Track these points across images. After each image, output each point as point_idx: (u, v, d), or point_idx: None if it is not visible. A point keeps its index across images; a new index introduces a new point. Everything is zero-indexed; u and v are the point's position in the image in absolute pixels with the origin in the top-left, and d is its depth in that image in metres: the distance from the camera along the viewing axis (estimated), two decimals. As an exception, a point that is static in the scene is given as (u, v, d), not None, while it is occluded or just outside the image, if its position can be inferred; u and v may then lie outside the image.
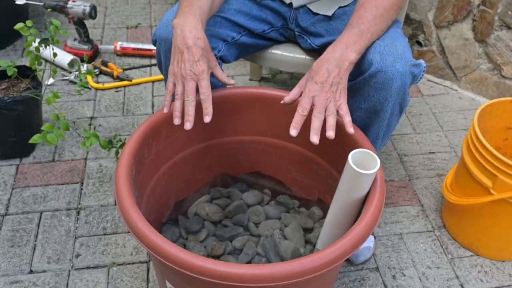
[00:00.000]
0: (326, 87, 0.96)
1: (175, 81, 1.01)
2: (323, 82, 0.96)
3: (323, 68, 0.97)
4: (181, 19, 1.00)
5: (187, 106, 0.98)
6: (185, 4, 1.04)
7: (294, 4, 1.25)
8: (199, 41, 0.98)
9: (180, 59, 0.98)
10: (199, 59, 0.98)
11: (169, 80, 1.02)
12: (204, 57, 0.99)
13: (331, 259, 0.83)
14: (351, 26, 1.02)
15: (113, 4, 2.42)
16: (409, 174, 1.61)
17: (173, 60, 1.00)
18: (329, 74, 0.96)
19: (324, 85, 0.96)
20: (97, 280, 1.28)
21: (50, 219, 1.42)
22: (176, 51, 1.00)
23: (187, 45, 0.97)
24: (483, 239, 1.34)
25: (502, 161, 1.16)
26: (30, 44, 1.42)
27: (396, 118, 1.14)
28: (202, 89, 0.99)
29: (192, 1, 1.04)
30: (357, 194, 0.98)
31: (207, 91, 0.99)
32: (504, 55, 1.76)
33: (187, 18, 1.00)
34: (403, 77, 1.02)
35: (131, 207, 0.89)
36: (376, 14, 1.02)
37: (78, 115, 1.78)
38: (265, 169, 1.34)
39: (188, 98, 0.98)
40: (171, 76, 1.01)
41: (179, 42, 0.99)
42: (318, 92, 0.96)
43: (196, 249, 1.18)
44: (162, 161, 1.17)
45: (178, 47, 0.99)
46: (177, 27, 1.00)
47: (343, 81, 0.97)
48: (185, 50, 0.98)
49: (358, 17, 1.02)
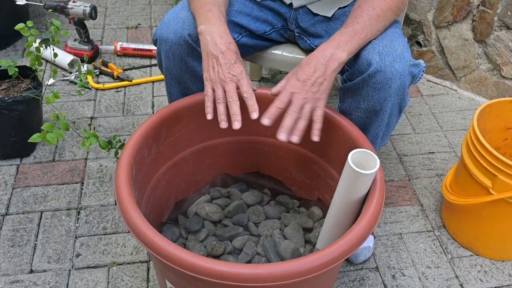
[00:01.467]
0: (307, 86, 0.96)
1: (213, 86, 1.00)
2: (305, 80, 0.96)
3: (310, 65, 0.97)
4: (208, 25, 1.01)
5: (232, 106, 0.98)
6: (206, 9, 1.04)
7: (294, 5, 1.25)
8: (231, 45, 1.01)
9: (216, 63, 0.99)
10: (236, 61, 1.00)
11: (207, 87, 1.01)
12: (239, 59, 1.01)
13: (331, 259, 0.84)
14: (346, 25, 1.02)
15: (114, 5, 2.42)
16: (408, 174, 1.61)
17: (208, 67, 1.01)
18: (314, 73, 0.96)
19: (305, 83, 0.96)
20: (97, 280, 1.28)
21: (50, 219, 1.43)
22: (209, 57, 1.00)
23: (221, 50, 0.99)
24: (483, 239, 1.35)
25: (502, 161, 1.16)
26: (30, 44, 1.42)
27: (395, 118, 1.14)
28: (244, 87, 0.99)
29: (212, 7, 1.04)
30: (357, 194, 0.98)
31: (249, 90, 0.99)
32: (504, 55, 1.77)
33: (214, 24, 1.01)
34: (402, 77, 1.02)
35: (131, 207, 0.90)
36: (373, 14, 1.02)
37: (78, 115, 1.78)
38: (265, 169, 1.34)
39: (232, 99, 0.98)
40: (208, 83, 1.01)
41: (211, 49, 0.99)
42: (298, 89, 0.96)
43: (196, 249, 1.18)
44: (162, 161, 1.17)
45: (212, 53, 0.99)
46: (206, 33, 1.00)
47: (326, 82, 0.97)
48: (219, 55, 0.99)
49: (354, 17, 1.03)
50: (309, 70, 0.97)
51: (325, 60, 0.97)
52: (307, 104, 0.96)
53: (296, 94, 0.96)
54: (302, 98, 0.96)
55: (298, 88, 0.96)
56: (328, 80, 0.97)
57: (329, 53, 0.97)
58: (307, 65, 0.98)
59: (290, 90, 0.96)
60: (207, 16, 1.03)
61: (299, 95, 0.96)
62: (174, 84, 1.19)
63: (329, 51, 0.98)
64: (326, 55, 0.97)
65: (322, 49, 0.99)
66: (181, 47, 1.10)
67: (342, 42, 0.99)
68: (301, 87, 0.96)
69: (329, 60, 0.97)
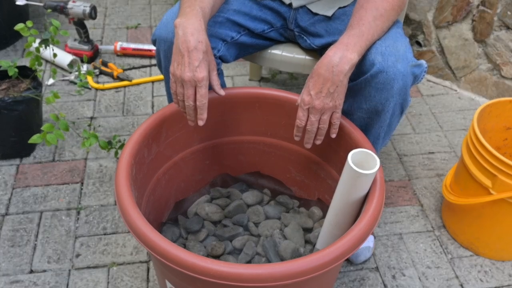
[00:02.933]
0: (320, 99, 0.98)
1: (175, 81, 1.01)
2: (317, 93, 0.98)
3: (320, 75, 0.98)
4: (183, 19, 0.99)
5: (188, 110, 1.02)
6: (187, 5, 1.03)
7: (294, 4, 1.25)
8: (200, 45, 0.98)
9: (181, 62, 0.98)
10: (200, 64, 0.98)
11: (171, 80, 1.02)
12: (205, 62, 0.99)
13: (331, 259, 0.84)
14: (352, 27, 1.02)
15: (113, 5, 2.42)
16: (408, 174, 1.61)
17: (174, 61, 1.00)
18: (324, 84, 0.97)
19: (318, 96, 0.98)
20: (97, 280, 1.28)
21: (50, 219, 1.43)
22: (177, 52, 0.99)
23: (188, 48, 0.97)
24: (483, 239, 1.34)
25: (502, 161, 1.16)
26: (30, 44, 1.42)
27: (397, 118, 1.14)
28: (199, 96, 1.00)
29: (194, 2, 1.03)
30: (357, 194, 0.98)
31: (204, 99, 1.00)
32: (504, 55, 1.77)
33: (189, 18, 0.99)
34: (405, 78, 1.02)
35: (131, 207, 0.90)
36: (377, 15, 1.02)
37: (78, 115, 1.78)
38: (265, 169, 1.34)
39: (189, 103, 1.01)
40: (172, 76, 1.01)
41: (180, 44, 0.98)
42: (312, 104, 0.99)
43: (196, 249, 1.18)
44: (162, 161, 1.17)
45: (179, 49, 0.98)
46: (178, 27, 0.99)
47: (339, 88, 0.98)
48: (185, 54, 0.97)
49: (359, 18, 1.02)
50: (319, 81, 0.98)
51: (334, 67, 0.97)
52: (324, 115, 1.01)
53: (311, 109, 1.00)
54: (318, 111, 0.99)
55: (312, 103, 0.99)
56: (341, 85, 0.98)
57: (338, 57, 0.97)
58: (317, 75, 0.98)
59: (305, 107, 1.00)
60: (186, 11, 1.01)
61: (314, 109, 0.99)
62: None
63: (338, 55, 0.97)
64: (334, 60, 0.97)
65: (331, 54, 0.98)
66: None
67: (350, 44, 0.98)
68: (314, 102, 0.99)
69: (338, 64, 0.96)
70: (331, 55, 0.98)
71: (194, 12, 1.01)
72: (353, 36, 1.00)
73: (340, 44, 0.99)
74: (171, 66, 1.01)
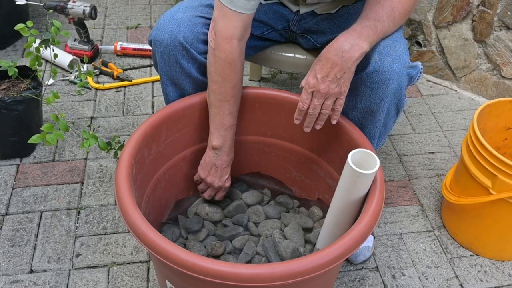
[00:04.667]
0: (326, 83, 0.96)
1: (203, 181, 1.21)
2: (324, 77, 0.96)
3: (328, 59, 0.96)
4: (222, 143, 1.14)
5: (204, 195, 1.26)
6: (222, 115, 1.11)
7: (301, 11, 1.25)
8: (230, 162, 1.19)
9: (214, 172, 1.18)
10: (228, 177, 1.21)
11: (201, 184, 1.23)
12: (229, 173, 1.20)
13: (331, 258, 0.84)
14: (367, 18, 1.00)
15: (113, 5, 2.42)
16: (408, 174, 1.61)
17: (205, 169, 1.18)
18: (332, 68, 0.95)
19: (324, 80, 0.96)
20: (98, 280, 1.28)
21: (50, 219, 1.43)
22: (211, 166, 1.17)
23: (223, 166, 1.17)
24: (483, 239, 1.35)
25: (502, 161, 1.16)
26: (30, 44, 1.42)
27: (392, 119, 1.14)
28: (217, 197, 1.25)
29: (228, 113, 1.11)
30: (357, 194, 0.98)
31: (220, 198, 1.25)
32: (504, 55, 1.77)
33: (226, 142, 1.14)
34: (400, 78, 1.02)
35: (131, 207, 0.90)
36: (391, 15, 1.02)
37: (78, 115, 1.78)
38: (265, 169, 1.34)
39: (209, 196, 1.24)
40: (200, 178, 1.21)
41: (216, 162, 1.16)
42: (317, 88, 0.97)
43: (196, 249, 1.18)
44: (162, 161, 1.17)
45: (215, 164, 1.17)
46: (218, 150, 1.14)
47: (346, 75, 0.96)
48: (220, 168, 1.17)
49: (375, 12, 1.01)
50: (327, 65, 0.96)
51: (344, 52, 0.95)
52: (328, 100, 0.98)
53: (316, 93, 0.97)
54: (322, 96, 0.97)
55: (317, 86, 0.97)
56: (348, 72, 0.96)
57: (349, 44, 0.95)
58: (326, 59, 0.96)
59: (309, 90, 0.98)
60: (222, 129, 1.13)
61: (319, 93, 0.97)
62: (170, 85, 1.19)
63: (350, 42, 0.95)
64: (345, 46, 0.95)
65: (343, 40, 0.96)
66: (176, 49, 1.10)
67: (364, 34, 0.97)
68: (320, 85, 0.96)
69: (349, 50, 0.95)
70: (342, 40, 0.96)
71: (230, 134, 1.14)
72: (367, 27, 0.99)
73: (353, 31, 0.98)
74: (202, 170, 1.19)
